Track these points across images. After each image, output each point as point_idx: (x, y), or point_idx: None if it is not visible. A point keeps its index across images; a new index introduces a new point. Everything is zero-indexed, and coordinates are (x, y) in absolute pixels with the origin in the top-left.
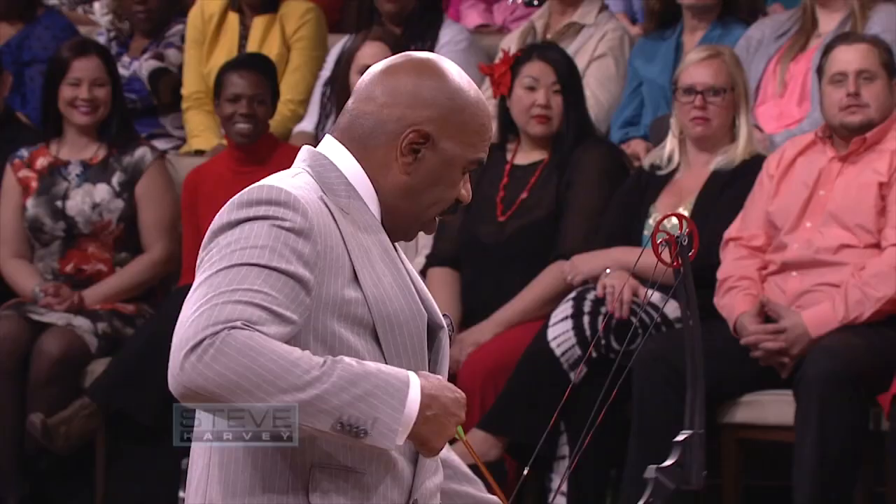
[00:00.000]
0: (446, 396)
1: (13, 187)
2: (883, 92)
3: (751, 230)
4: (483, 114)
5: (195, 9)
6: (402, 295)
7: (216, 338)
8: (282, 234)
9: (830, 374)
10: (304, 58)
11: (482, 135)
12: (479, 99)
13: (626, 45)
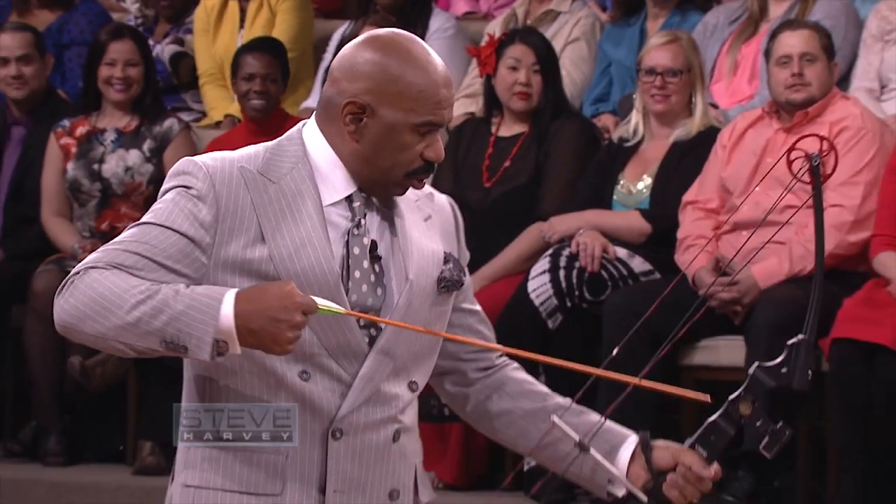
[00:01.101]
0: (269, 305)
1: (55, 153)
2: (823, 72)
3: (706, 194)
4: (422, 81)
5: (199, 6)
6: (314, 254)
7: (75, 276)
8: (182, 199)
9: (777, 322)
10: (287, 15)
11: (422, 100)
12: (418, 67)
13: (597, 30)
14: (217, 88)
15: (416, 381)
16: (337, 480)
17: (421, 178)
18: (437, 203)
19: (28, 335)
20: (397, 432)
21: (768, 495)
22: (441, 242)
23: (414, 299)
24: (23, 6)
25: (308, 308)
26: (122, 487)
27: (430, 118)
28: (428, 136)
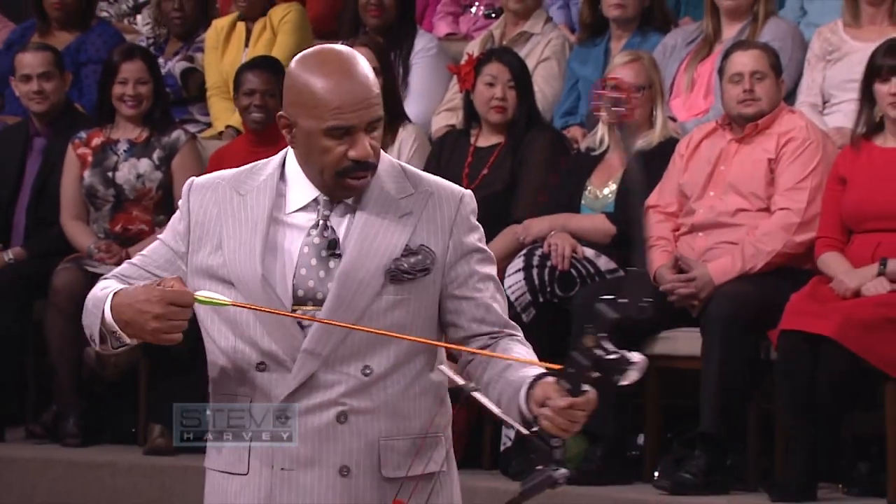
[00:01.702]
0: (137, 300)
1: (73, 162)
2: (772, 88)
3: (666, 199)
4: (322, 88)
5: (211, 27)
6: (246, 258)
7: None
8: (175, 216)
9: (730, 315)
10: (287, 36)
11: (324, 107)
12: (322, 76)
13: (566, 50)
14: (222, 101)
15: (371, 366)
16: (283, 459)
17: (356, 176)
18: (437, 198)
19: (48, 327)
20: (342, 414)
21: (722, 472)
22: (415, 236)
23: (344, 291)
24: (44, 28)
25: (176, 299)
26: (135, 467)
27: (335, 122)
28: (346, 137)
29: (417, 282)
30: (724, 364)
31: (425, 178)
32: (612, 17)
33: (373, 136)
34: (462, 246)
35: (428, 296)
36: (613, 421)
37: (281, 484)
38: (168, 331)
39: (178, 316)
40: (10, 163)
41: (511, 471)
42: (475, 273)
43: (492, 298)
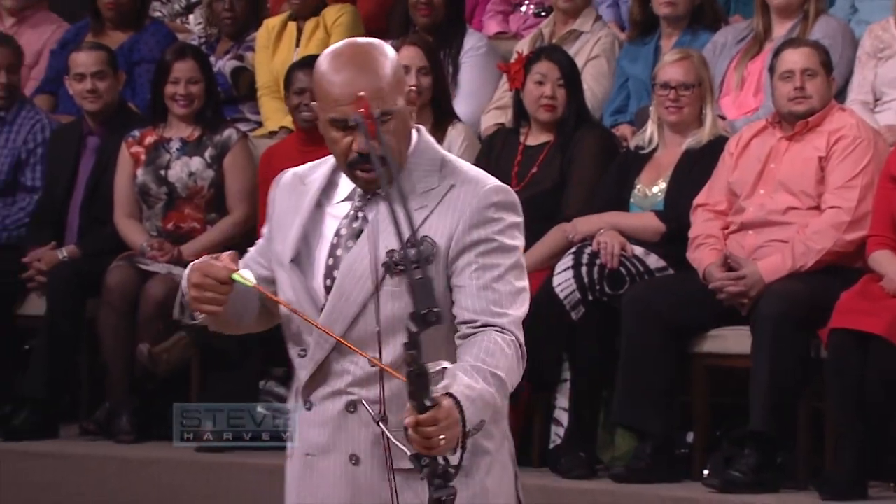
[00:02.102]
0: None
1: (126, 160)
2: (822, 86)
3: (715, 197)
4: (327, 81)
5: (262, 26)
6: (287, 242)
7: None
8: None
9: (780, 313)
10: (340, 38)
11: (327, 98)
12: (331, 69)
13: (616, 48)
14: (273, 101)
15: (378, 357)
16: (308, 446)
17: (361, 168)
18: (457, 191)
19: (101, 325)
20: (351, 403)
21: (772, 471)
22: (421, 228)
23: (346, 283)
24: (98, 27)
25: (211, 271)
26: (187, 462)
27: (334, 114)
28: (350, 130)
29: (417, 273)
30: (774, 362)
31: (459, 171)
32: (663, 14)
33: (382, 129)
34: (467, 237)
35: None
36: (662, 418)
37: (306, 469)
38: (201, 300)
39: (213, 288)
40: (64, 162)
41: (560, 468)
42: (474, 263)
43: (484, 287)
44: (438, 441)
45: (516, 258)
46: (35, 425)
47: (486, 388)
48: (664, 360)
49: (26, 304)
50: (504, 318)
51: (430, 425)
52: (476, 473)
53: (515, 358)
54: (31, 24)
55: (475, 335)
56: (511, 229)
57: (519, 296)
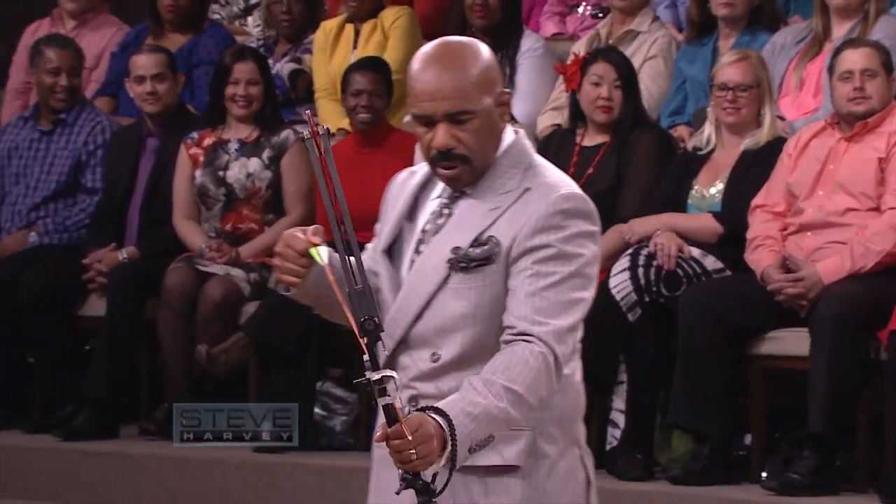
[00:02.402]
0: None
1: (185, 162)
2: (882, 86)
3: (773, 198)
4: (413, 78)
5: (320, 29)
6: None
7: None
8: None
9: (839, 315)
10: (398, 41)
11: (412, 94)
12: (417, 66)
13: (673, 49)
14: (330, 103)
15: (438, 353)
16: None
17: (442, 165)
18: (531, 194)
19: (161, 326)
20: (413, 398)
21: (831, 473)
22: (490, 228)
23: (415, 276)
24: (158, 30)
25: (291, 242)
26: (245, 463)
27: (415, 110)
28: (431, 126)
29: (480, 272)
30: (833, 364)
31: (540, 176)
32: (721, 15)
33: (463, 128)
34: (527, 242)
35: (492, 286)
36: (720, 420)
37: (381, 461)
38: (282, 270)
39: (293, 259)
40: (123, 163)
41: (617, 470)
42: (529, 269)
43: (532, 294)
44: (409, 455)
45: (577, 267)
46: (95, 425)
47: (495, 402)
48: (721, 361)
49: (87, 305)
50: (543, 327)
51: (395, 438)
52: (534, 476)
53: (542, 370)
54: (91, 26)
55: (507, 345)
56: (578, 238)
57: (571, 306)
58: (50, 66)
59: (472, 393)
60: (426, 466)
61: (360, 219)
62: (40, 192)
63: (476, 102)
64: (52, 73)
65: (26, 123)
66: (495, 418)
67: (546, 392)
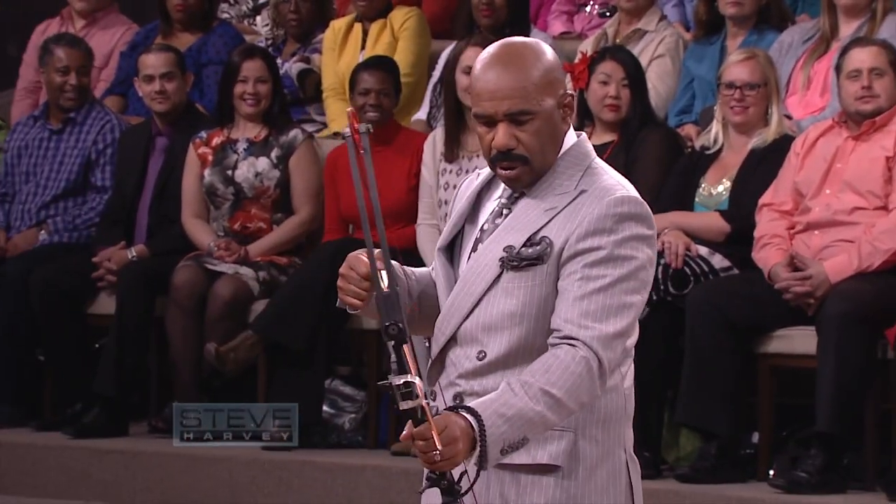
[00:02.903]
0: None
1: (194, 161)
2: (890, 85)
3: (781, 197)
4: (475, 78)
5: (329, 28)
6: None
7: None
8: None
9: (846, 313)
10: (408, 42)
11: (474, 93)
12: (479, 66)
13: (681, 47)
14: (338, 102)
15: (485, 351)
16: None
17: (502, 165)
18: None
19: (169, 324)
20: (458, 396)
21: (838, 471)
22: (545, 228)
23: (469, 275)
24: (167, 29)
25: (353, 263)
26: (254, 460)
27: (476, 110)
28: (492, 126)
29: (531, 271)
30: (840, 362)
31: (597, 179)
32: (729, 14)
33: (523, 128)
34: (580, 244)
35: (541, 286)
36: (727, 419)
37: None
38: (344, 291)
39: (354, 282)
40: (133, 162)
41: None
42: (579, 272)
43: (581, 297)
44: (433, 456)
45: (629, 270)
46: (105, 423)
47: (531, 405)
48: (729, 360)
49: (96, 303)
50: (589, 331)
51: (421, 439)
52: (573, 478)
53: (584, 375)
54: (101, 26)
55: (552, 348)
56: (631, 241)
57: (621, 311)
58: (60, 66)
59: (508, 394)
60: (451, 467)
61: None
62: (50, 190)
63: (536, 103)
64: (61, 73)
65: (36, 122)
66: (530, 420)
67: (588, 397)
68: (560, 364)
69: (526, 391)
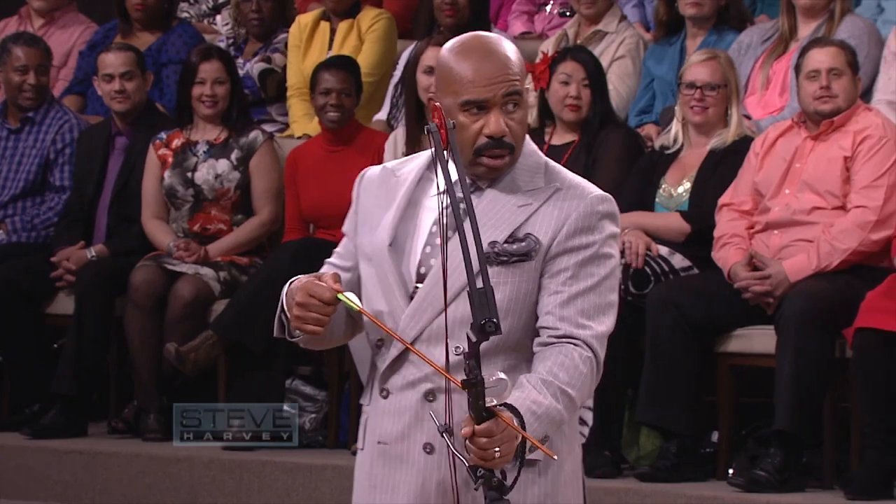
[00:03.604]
0: (292, 289)
1: (154, 162)
2: (849, 85)
3: (740, 197)
4: (460, 65)
5: (295, 23)
6: (382, 231)
7: None
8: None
9: (805, 312)
10: (374, 44)
11: (460, 81)
12: (462, 54)
13: (641, 48)
14: (302, 103)
15: (461, 346)
16: (381, 434)
17: (492, 154)
18: (563, 194)
19: (128, 324)
20: (431, 392)
21: (797, 470)
22: (525, 225)
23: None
24: (126, 29)
25: (316, 292)
26: (214, 460)
27: (468, 97)
28: (482, 114)
29: (516, 267)
30: (798, 361)
31: (563, 177)
32: (689, 15)
33: (511, 116)
34: (569, 241)
35: (526, 282)
36: (687, 418)
37: (378, 457)
38: (305, 320)
39: (317, 309)
40: (92, 162)
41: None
42: (570, 269)
43: (574, 296)
44: (493, 453)
45: (611, 269)
46: (64, 423)
47: (554, 404)
48: (689, 359)
49: (55, 303)
50: (587, 330)
51: (486, 437)
52: (549, 473)
53: (589, 376)
54: (59, 25)
55: (553, 346)
56: (610, 240)
57: (608, 309)
58: (18, 65)
59: (534, 392)
60: (504, 464)
61: (331, 217)
62: (8, 190)
63: (523, 88)
64: (19, 72)
65: None
66: (553, 419)
67: (588, 396)
68: (573, 364)
69: (548, 389)
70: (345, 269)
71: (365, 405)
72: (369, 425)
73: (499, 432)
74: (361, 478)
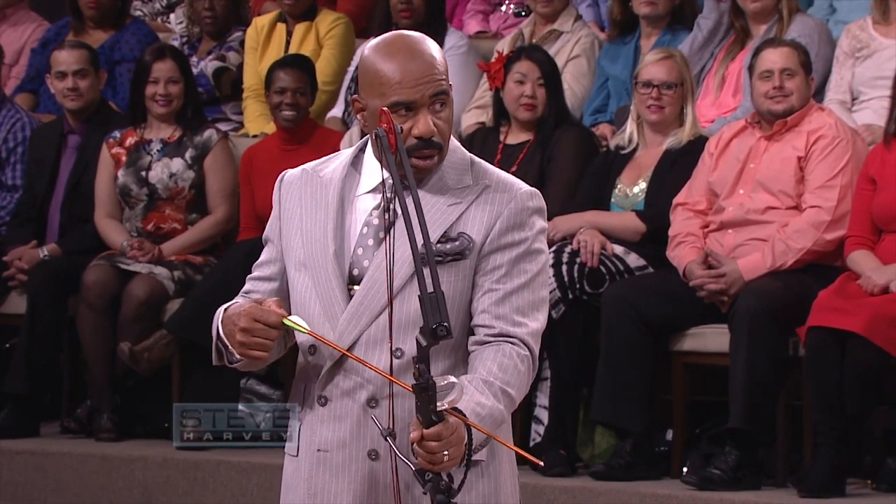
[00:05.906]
0: (233, 314)
1: (107, 161)
2: (802, 85)
3: (695, 196)
4: (385, 67)
5: (251, 25)
6: (321, 237)
7: None
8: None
9: (758, 311)
10: (333, 50)
11: (386, 83)
12: (387, 55)
13: (596, 48)
14: (258, 104)
15: (402, 350)
16: (320, 441)
17: (421, 155)
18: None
19: (81, 323)
20: (373, 398)
21: (751, 468)
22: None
23: (378, 273)
24: (79, 26)
25: (261, 316)
26: (168, 460)
27: (396, 98)
28: (410, 115)
29: (451, 266)
30: (752, 360)
31: (490, 173)
32: (643, 14)
33: (439, 116)
34: (502, 238)
35: (462, 281)
36: (642, 416)
37: (318, 465)
38: (251, 345)
39: (262, 334)
40: (44, 160)
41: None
42: (503, 266)
43: (509, 293)
44: (442, 457)
45: (542, 265)
46: (16, 424)
47: (497, 405)
48: (644, 358)
49: (7, 302)
50: (522, 328)
51: (435, 440)
52: (491, 472)
53: (527, 374)
54: (11, 22)
55: (490, 345)
56: (541, 235)
57: (541, 305)
58: None
59: (477, 394)
60: (452, 467)
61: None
62: None
63: (445, 84)
64: None
65: None
66: (495, 420)
67: (525, 394)
68: (511, 363)
69: (490, 390)
70: (269, 278)
71: (297, 410)
72: (305, 432)
73: (447, 436)
74: (296, 484)
